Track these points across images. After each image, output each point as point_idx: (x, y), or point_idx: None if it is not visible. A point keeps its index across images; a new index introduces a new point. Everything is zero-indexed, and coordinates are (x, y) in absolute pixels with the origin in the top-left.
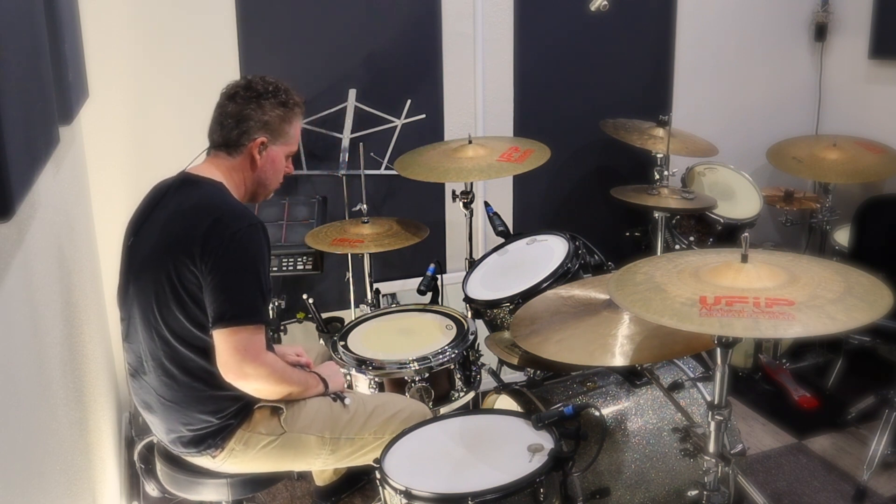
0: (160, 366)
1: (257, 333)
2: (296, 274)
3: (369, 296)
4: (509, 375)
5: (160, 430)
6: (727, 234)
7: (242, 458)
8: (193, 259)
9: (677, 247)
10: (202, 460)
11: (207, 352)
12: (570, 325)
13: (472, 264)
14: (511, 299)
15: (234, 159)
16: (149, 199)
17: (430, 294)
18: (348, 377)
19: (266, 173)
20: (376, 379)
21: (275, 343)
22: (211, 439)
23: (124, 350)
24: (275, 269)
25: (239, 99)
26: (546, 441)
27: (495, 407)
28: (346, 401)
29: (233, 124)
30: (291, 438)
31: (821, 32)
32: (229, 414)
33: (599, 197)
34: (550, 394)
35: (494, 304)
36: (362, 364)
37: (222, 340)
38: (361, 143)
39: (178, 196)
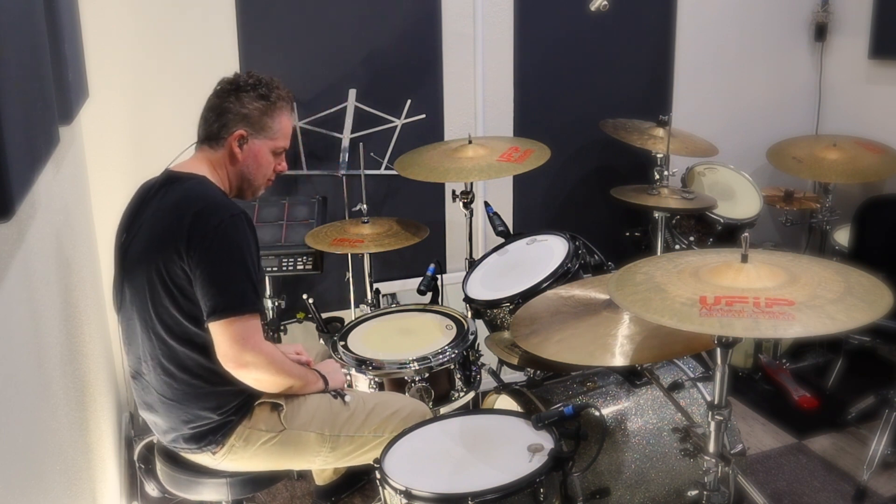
0: (159, 365)
1: (252, 321)
2: (296, 274)
3: (369, 296)
4: (509, 375)
5: (162, 430)
6: (727, 234)
7: (242, 455)
8: (180, 254)
9: (677, 247)
10: (202, 458)
11: (205, 348)
12: (570, 325)
13: (472, 264)
14: (511, 299)
15: (217, 153)
16: (136, 198)
17: (430, 294)
18: (348, 377)
19: (248, 168)
20: (376, 379)
21: (274, 343)
22: (211, 436)
23: (124, 353)
24: (274, 268)
25: (221, 93)
26: (546, 441)
27: (495, 407)
28: (347, 398)
29: (213, 118)
30: (291, 435)
31: (821, 32)
32: (230, 410)
33: (599, 197)
34: (550, 394)
35: (494, 304)
36: (362, 364)
37: (219, 332)
38: (361, 143)
39: (162, 194)
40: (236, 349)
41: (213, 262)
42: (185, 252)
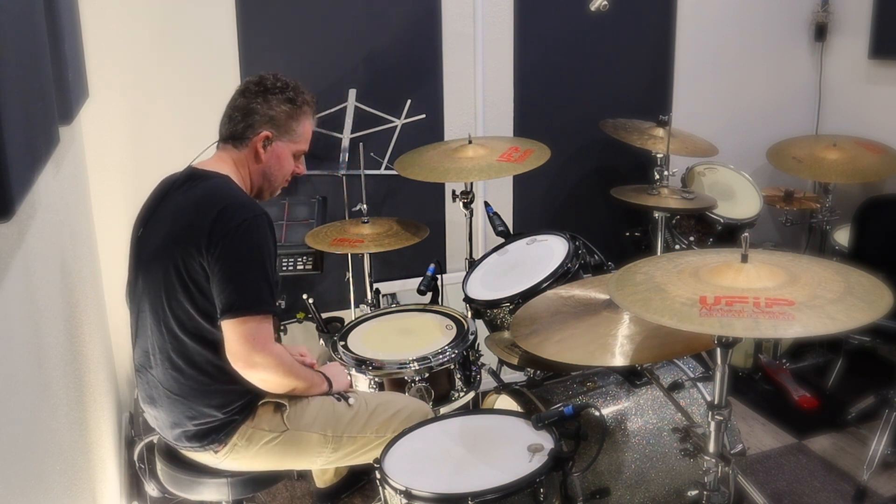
0: (167, 359)
1: (265, 322)
2: (296, 274)
3: (369, 296)
4: (509, 375)
5: (164, 426)
6: (727, 234)
7: (244, 454)
8: (200, 250)
9: (677, 247)
10: (204, 456)
11: (215, 345)
12: (570, 325)
13: (472, 264)
14: (511, 299)
15: (240, 153)
16: (156, 192)
17: (430, 294)
18: (349, 377)
19: (271, 169)
20: (376, 379)
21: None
22: (214, 434)
23: (133, 347)
24: None
25: (248, 94)
26: (546, 441)
27: (495, 407)
28: (350, 400)
29: (239, 118)
30: (294, 436)
31: (821, 32)
32: (234, 409)
33: (599, 197)
34: (550, 394)
35: (494, 304)
36: (362, 364)
37: (230, 330)
38: (361, 143)
39: (185, 189)
40: (246, 348)
41: (232, 259)
42: (205, 248)
